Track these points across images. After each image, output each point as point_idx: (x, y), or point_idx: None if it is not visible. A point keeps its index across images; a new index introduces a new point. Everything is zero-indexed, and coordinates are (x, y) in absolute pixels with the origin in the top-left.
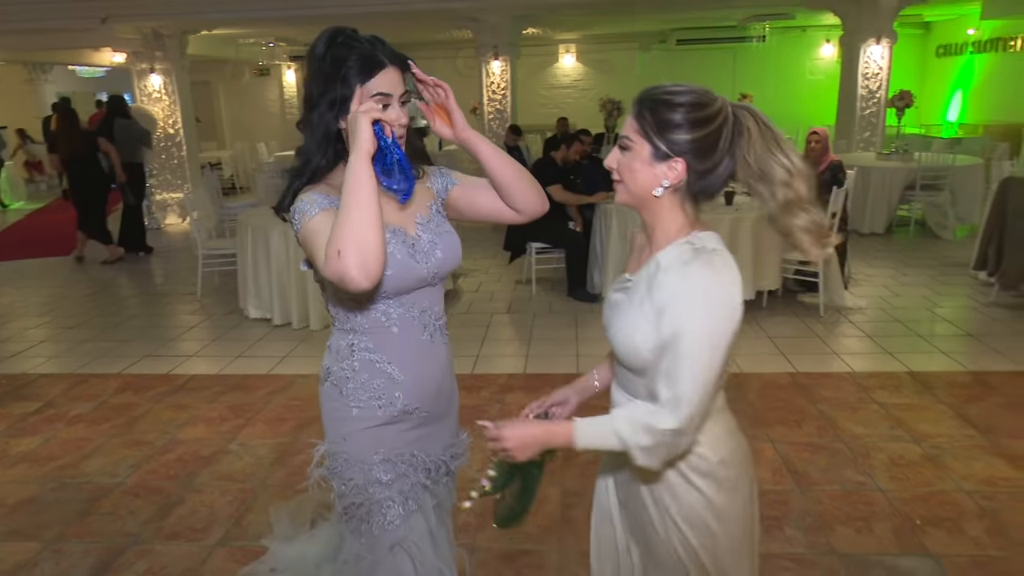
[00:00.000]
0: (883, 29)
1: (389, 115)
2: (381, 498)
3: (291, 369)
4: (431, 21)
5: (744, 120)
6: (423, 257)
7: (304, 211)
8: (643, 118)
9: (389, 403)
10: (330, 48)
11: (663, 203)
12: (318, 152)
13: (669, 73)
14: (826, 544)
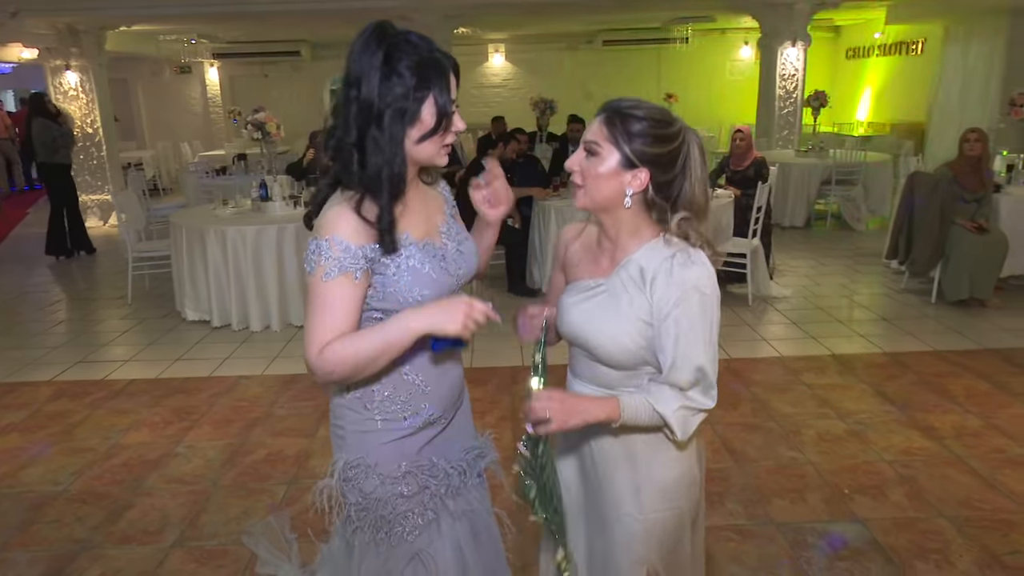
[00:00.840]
0: (798, 33)
1: (457, 124)
2: (402, 510)
3: (234, 371)
4: (361, 19)
5: (692, 146)
6: (453, 267)
7: (322, 264)
8: (614, 126)
9: (415, 414)
10: (387, 49)
11: (621, 209)
12: (390, 168)
13: (596, 73)
14: (764, 515)
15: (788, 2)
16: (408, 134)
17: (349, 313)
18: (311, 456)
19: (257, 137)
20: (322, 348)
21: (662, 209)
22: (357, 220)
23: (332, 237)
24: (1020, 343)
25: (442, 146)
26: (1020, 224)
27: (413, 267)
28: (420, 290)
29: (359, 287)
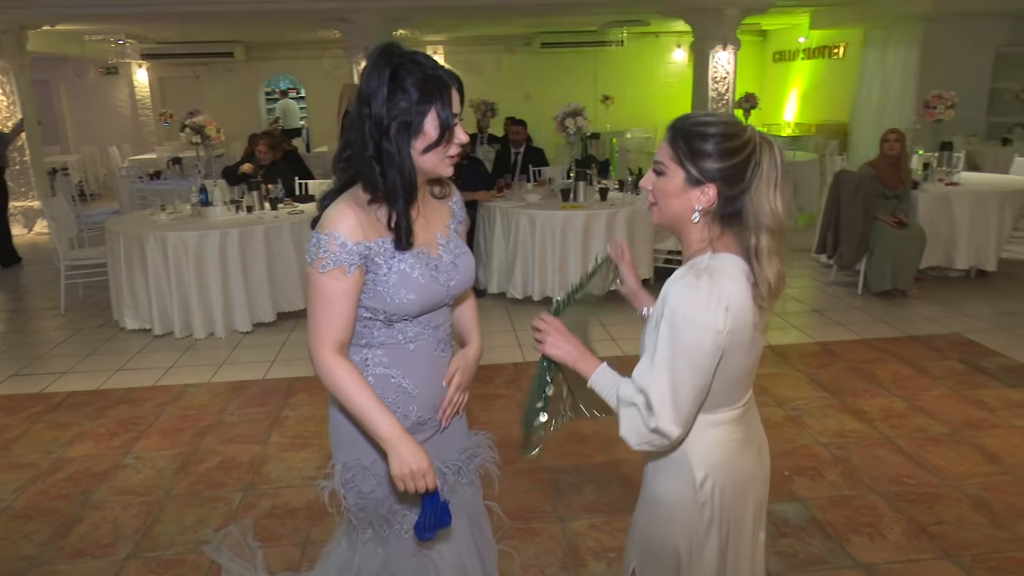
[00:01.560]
0: (728, 36)
1: (460, 136)
2: (399, 508)
3: (179, 379)
4: (299, 21)
5: (763, 155)
6: (445, 278)
7: (320, 256)
8: (677, 146)
9: (404, 416)
10: (394, 68)
11: (691, 224)
12: (403, 176)
13: (535, 75)
14: None
15: (718, 7)
16: (413, 145)
17: (346, 308)
18: (266, 462)
19: (196, 141)
20: (333, 348)
21: (733, 223)
22: (356, 217)
23: (331, 232)
24: (938, 330)
25: (446, 156)
26: (936, 219)
27: (403, 270)
28: (406, 293)
29: (353, 281)
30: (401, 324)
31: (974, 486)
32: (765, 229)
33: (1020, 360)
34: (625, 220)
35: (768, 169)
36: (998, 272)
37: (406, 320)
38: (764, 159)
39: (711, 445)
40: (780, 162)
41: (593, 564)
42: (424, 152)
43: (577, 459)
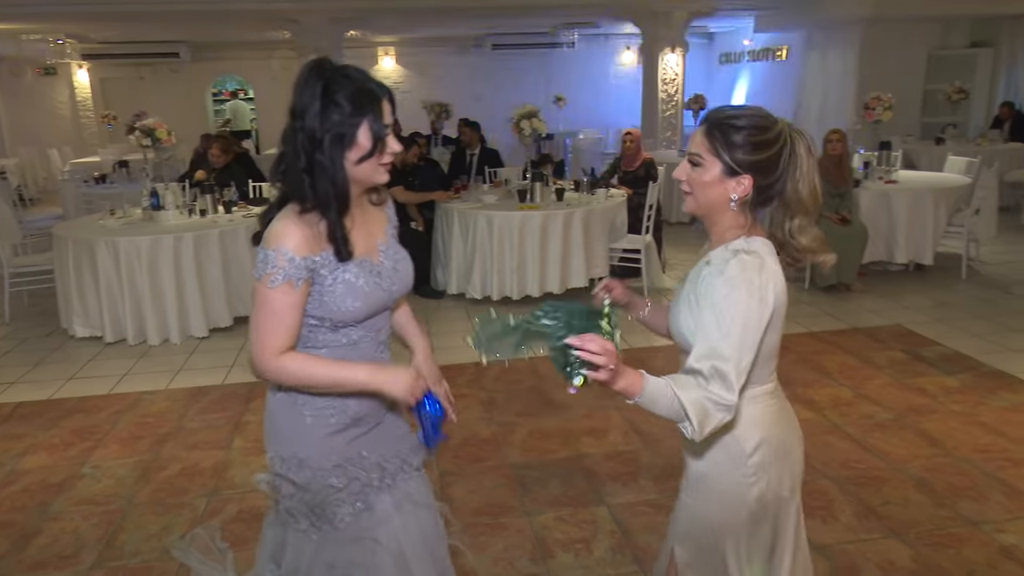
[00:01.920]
0: (676, 39)
1: (391, 145)
2: (333, 499)
3: (135, 387)
4: (248, 21)
5: (798, 146)
6: (388, 283)
7: (268, 272)
8: (714, 137)
9: (342, 411)
10: (327, 81)
11: (727, 212)
12: (335, 187)
13: (487, 76)
14: (673, 489)
15: (667, 11)
16: (347, 156)
17: (293, 319)
18: (229, 467)
19: (146, 144)
20: (279, 354)
21: (764, 208)
22: (301, 232)
23: (279, 248)
24: (881, 322)
25: (379, 165)
26: (877, 215)
27: (348, 280)
28: (352, 302)
29: (300, 294)
30: (346, 329)
31: (917, 468)
32: (802, 209)
33: (956, 349)
34: (581, 220)
35: (805, 155)
36: (935, 265)
37: (351, 327)
38: (799, 146)
39: (754, 418)
40: (813, 148)
41: (561, 555)
42: (358, 163)
43: (541, 455)
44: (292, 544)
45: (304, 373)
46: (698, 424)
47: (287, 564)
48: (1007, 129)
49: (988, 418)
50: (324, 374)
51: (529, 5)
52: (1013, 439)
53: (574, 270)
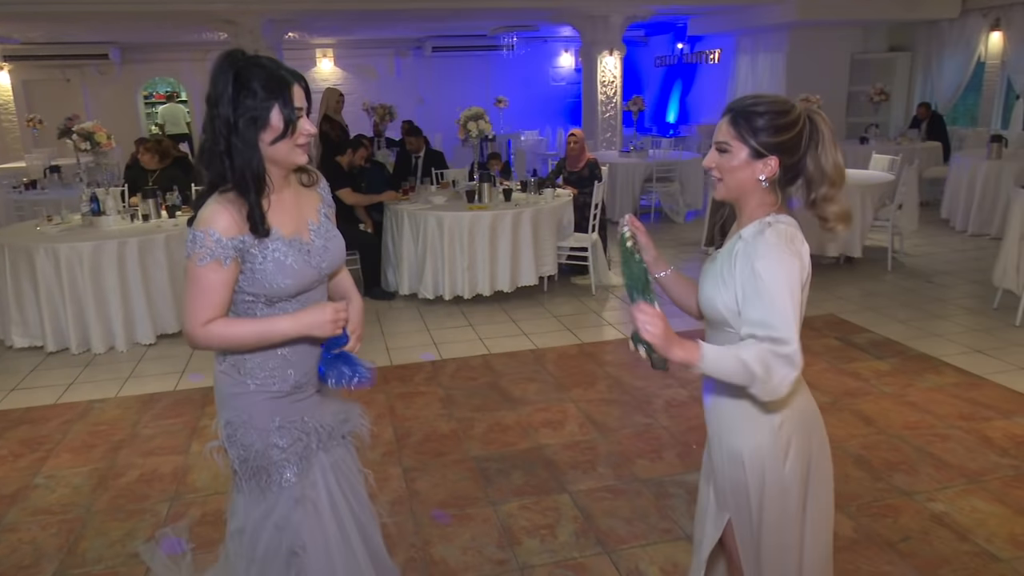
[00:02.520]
0: (614, 42)
1: (303, 126)
2: (278, 459)
3: (83, 395)
4: (184, 22)
5: (819, 124)
6: (317, 260)
7: (197, 251)
8: (738, 125)
9: (283, 379)
10: (238, 69)
11: (756, 192)
12: (251, 166)
13: (427, 78)
14: (630, 474)
15: (604, 15)
16: (262, 138)
17: (221, 295)
18: (189, 471)
19: (85, 148)
20: (205, 324)
21: (793, 186)
22: (229, 214)
23: (207, 230)
24: (816, 311)
25: (296, 146)
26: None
27: (278, 259)
28: (283, 279)
29: (228, 272)
30: (281, 304)
31: (855, 446)
32: (828, 181)
33: (885, 335)
34: (530, 219)
35: (826, 132)
36: (863, 258)
37: (284, 301)
38: (820, 124)
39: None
40: (831, 125)
41: (528, 541)
42: (272, 143)
43: (501, 447)
44: (243, 506)
45: (230, 334)
46: (765, 376)
47: (236, 525)
48: (924, 128)
49: (916, 398)
50: (249, 331)
51: (468, 9)
52: (939, 416)
53: (524, 268)
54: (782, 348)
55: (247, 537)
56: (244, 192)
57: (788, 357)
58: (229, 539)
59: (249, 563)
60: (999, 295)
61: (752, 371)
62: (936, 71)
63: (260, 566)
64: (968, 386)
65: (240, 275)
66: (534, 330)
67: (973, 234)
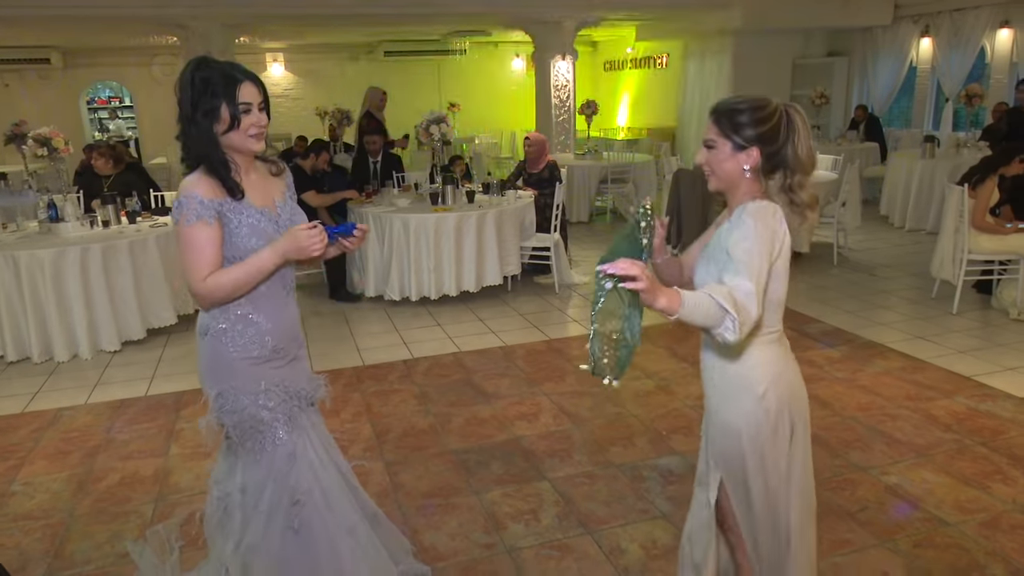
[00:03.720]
0: (566, 47)
1: (251, 118)
2: (269, 419)
3: (50, 404)
4: (133, 26)
5: (794, 117)
6: (284, 231)
7: (184, 213)
8: (721, 123)
9: (261, 345)
10: (196, 72)
11: (743, 182)
12: (210, 151)
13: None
14: (605, 461)
15: (556, 20)
16: (216, 128)
17: (212, 250)
18: (171, 473)
19: (42, 154)
20: (204, 278)
21: (774, 174)
22: (207, 183)
23: (190, 194)
24: None
25: (247, 136)
26: None
27: (251, 223)
28: (256, 241)
29: (214, 230)
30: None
31: (813, 427)
32: (801, 168)
33: (835, 325)
34: (494, 220)
35: (801, 124)
36: (811, 253)
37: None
38: (796, 117)
39: (766, 361)
40: (805, 118)
41: (512, 526)
42: (224, 133)
43: (479, 440)
44: (242, 468)
45: (228, 279)
46: (737, 315)
47: (239, 483)
48: (862, 130)
49: (866, 382)
50: (242, 271)
51: (422, 14)
52: (888, 398)
53: (489, 268)
54: (747, 286)
55: (249, 495)
56: (212, 169)
57: (751, 296)
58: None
59: (251, 518)
60: (937, 285)
61: (723, 307)
62: (871, 75)
63: (265, 518)
64: (912, 369)
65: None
66: (501, 328)
67: (910, 229)
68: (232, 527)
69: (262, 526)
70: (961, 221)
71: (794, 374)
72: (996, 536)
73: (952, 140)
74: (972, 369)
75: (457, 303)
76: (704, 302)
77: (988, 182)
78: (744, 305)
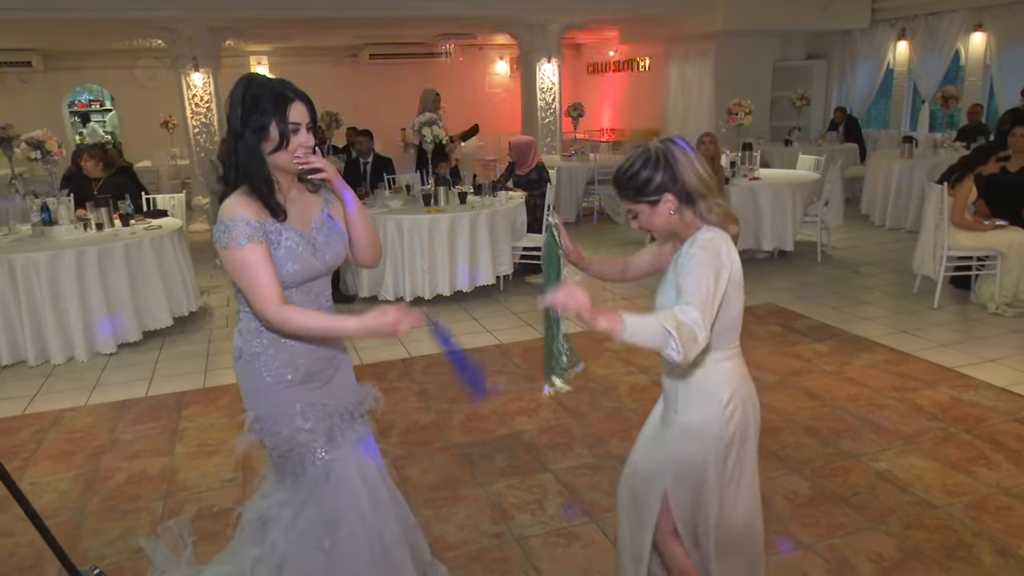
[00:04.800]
0: (552, 50)
1: (299, 139)
2: (307, 441)
3: (51, 405)
4: (119, 30)
5: (673, 151)
6: (320, 253)
7: (233, 237)
8: (627, 193)
9: (294, 369)
10: (248, 89)
11: (678, 223)
12: (255, 169)
13: (364, 85)
14: (605, 453)
15: (542, 23)
16: (263, 147)
17: (270, 268)
18: (178, 471)
19: (34, 157)
20: (279, 302)
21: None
22: (249, 204)
23: (235, 216)
24: (756, 302)
25: (294, 157)
26: (745, 208)
27: (290, 247)
28: (292, 264)
29: (265, 248)
30: (288, 292)
31: (804, 418)
32: (699, 194)
33: (821, 320)
34: (487, 220)
35: (682, 157)
36: (795, 252)
37: (292, 288)
38: (676, 153)
39: (728, 375)
40: (686, 146)
41: (519, 516)
42: (271, 153)
43: (482, 434)
44: (286, 484)
45: (304, 323)
46: (679, 337)
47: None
48: (842, 131)
49: (853, 374)
50: (321, 324)
51: (409, 17)
52: (875, 389)
53: (482, 268)
54: (695, 316)
55: (288, 511)
56: (255, 189)
57: (698, 325)
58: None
59: (285, 534)
60: (918, 281)
61: (666, 330)
62: (850, 77)
63: (298, 536)
64: (897, 362)
65: None
66: (496, 327)
67: (891, 228)
68: (265, 538)
69: (294, 543)
70: (941, 219)
71: (750, 386)
72: (982, 517)
73: (930, 141)
74: (954, 361)
75: (451, 303)
76: (648, 325)
77: (966, 181)
78: (689, 329)
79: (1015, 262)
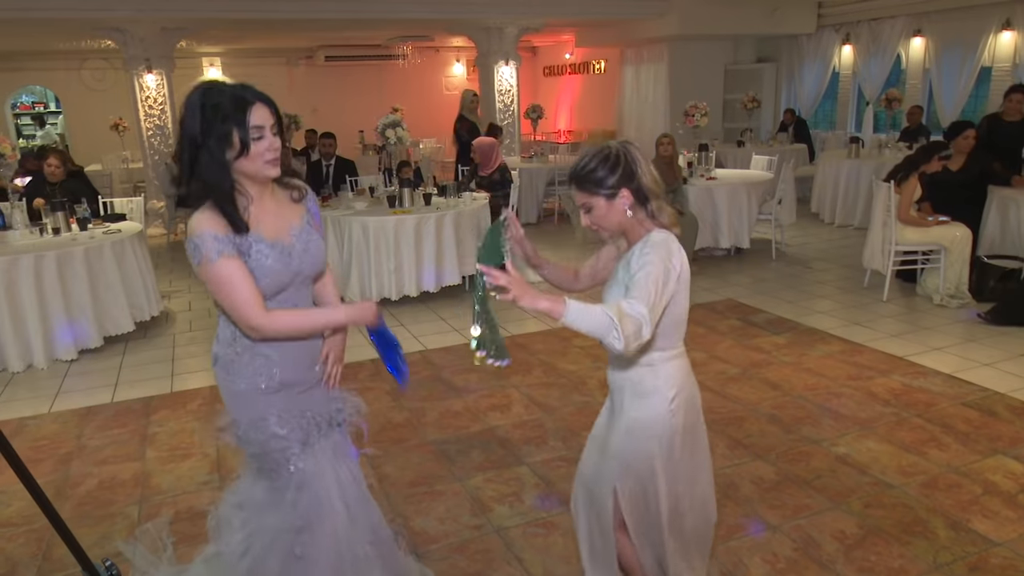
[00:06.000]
0: (509, 53)
1: (263, 144)
2: (282, 447)
3: (12, 413)
4: (68, 30)
5: (633, 152)
6: (296, 263)
7: (204, 253)
8: (585, 186)
9: (269, 377)
10: (207, 97)
11: (629, 222)
12: (219, 179)
13: (320, 88)
14: (578, 445)
15: (500, 26)
16: (228, 155)
17: (249, 279)
18: (151, 476)
19: None
20: (263, 310)
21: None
22: (214, 219)
23: (203, 232)
24: (716, 297)
25: (263, 163)
26: (703, 207)
27: (260, 260)
28: (261, 278)
29: (239, 259)
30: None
31: (766, 407)
32: (653, 195)
33: (778, 314)
34: (452, 221)
35: (639, 158)
36: (751, 249)
37: (267, 299)
38: (634, 152)
39: (674, 372)
40: (640, 150)
41: (498, 508)
42: (235, 159)
43: (456, 431)
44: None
45: (291, 325)
46: (622, 327)
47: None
48: (791, 132)
49: (811, 365)
50: (306, 324)
51: (366, 19)
52: (832, 378)
53: (448, 269)
54: (640, 310)
55: (258, 514)
56: (217, 203)
57: (642, 318)
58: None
59: (256, 537)
60: (868, 275)
61: (610, 318)
62: (798, 80)
63: (270, 540)
64: (851, 352)
65: None
66: (463, 326)
67: (840, 225)
68: (231, 539)
69: (266, 548)
70: (888, 215)
71: (693, 385)
72: (935, 495)
73: (875, 141)
74: (904, 350)
75: (417, 303)
76: (592, 311)
77: (911, 179)
78: (634, 322)
79: (957, 256)
